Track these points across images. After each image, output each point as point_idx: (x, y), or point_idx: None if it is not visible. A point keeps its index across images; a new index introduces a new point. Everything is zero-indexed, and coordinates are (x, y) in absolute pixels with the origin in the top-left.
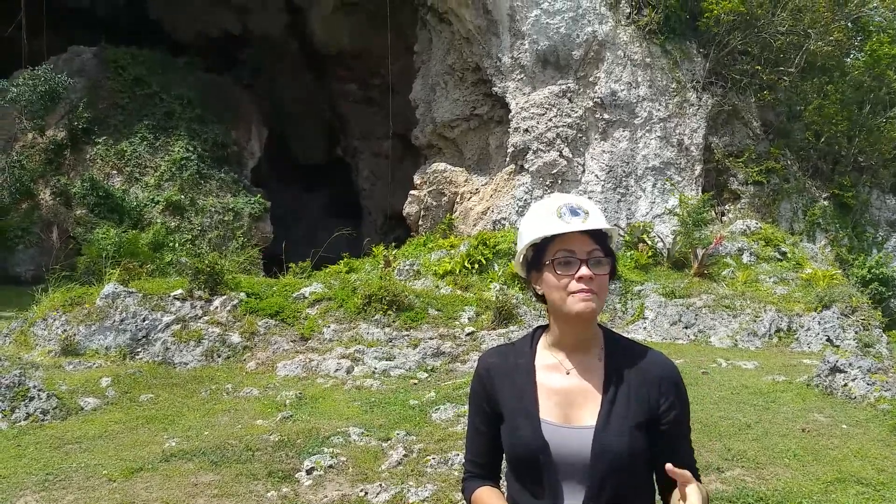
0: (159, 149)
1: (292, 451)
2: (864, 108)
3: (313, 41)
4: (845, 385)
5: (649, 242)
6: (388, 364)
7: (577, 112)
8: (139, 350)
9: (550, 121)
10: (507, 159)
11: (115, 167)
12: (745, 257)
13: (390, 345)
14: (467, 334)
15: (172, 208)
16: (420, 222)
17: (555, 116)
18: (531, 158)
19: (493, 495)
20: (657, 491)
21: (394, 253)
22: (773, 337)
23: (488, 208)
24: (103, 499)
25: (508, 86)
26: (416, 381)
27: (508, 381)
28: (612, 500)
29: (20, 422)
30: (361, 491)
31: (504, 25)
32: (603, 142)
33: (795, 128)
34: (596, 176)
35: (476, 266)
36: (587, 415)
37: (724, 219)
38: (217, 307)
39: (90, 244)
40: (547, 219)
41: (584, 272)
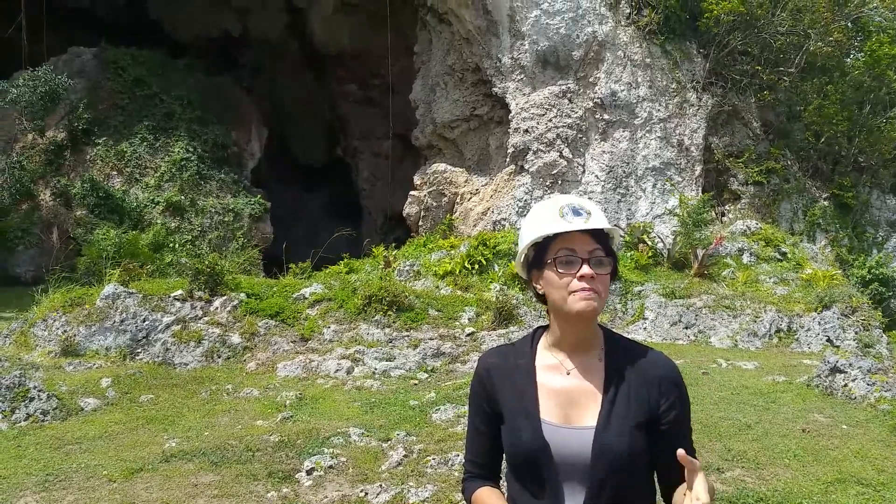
0: (159, 149)
1: (292, 452)
2: (864, 108)
3: (313, 42)
4: (845, 385)
5: (649, 243)
6: (389, 364)
7: (577, 112)
8: (139, 351)
9: (550, 121)
10: (508, 160)
11: (115, 168)
12: (746, 258)
13: (390, 345)
14: (467, 335)
15: (172, 209)
16: (420, 223)
17: (555, 117)
18: (531, 159)
19: (494, 496)
20: (658, 492)
21: (394, 253)
22: (773, 337)
23: (488, 209)
24: (103, 499)
25: (508, 86)
26: (416, 382)
27: (508, 382)
28: (612, 500)
29: (20, 422)
30: (361, 491)
31: (504, 26)
32: (603, 142)
33: (795, 128)
34: (596, 176)
35: (476, 266)
36: (587, 415)
37: (725, 219)
38: (217, 308)
39: (90, 245)
40: (549, 218)
41: (586, 271)
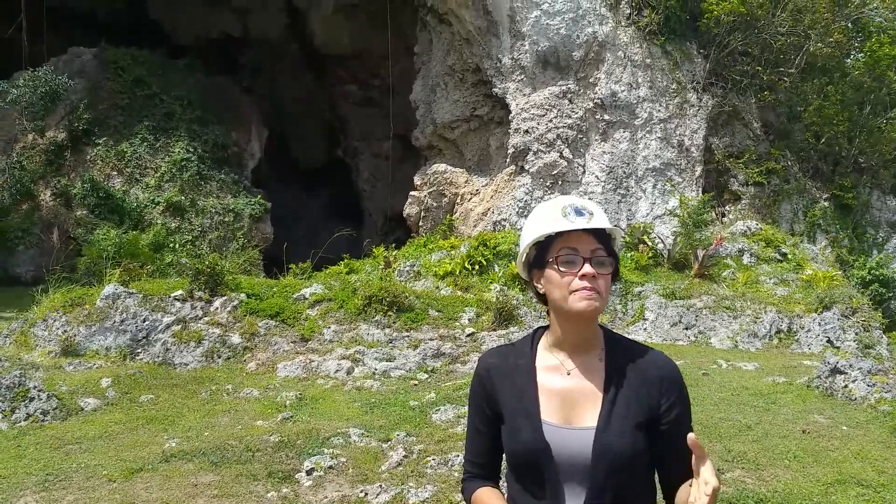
0: (159, 150)
1: (292, 452)
2: (864, 108)
3: (313, 42)
4: (846, 386)
5: (650, 243)
6: (389, 365)
7: (577, 113)
8: (139, 351)
9: (551, 122)
10: (508, 160)
11: (115, 168)
12: (746, 258)
13: (390, 346)
14: (467, 335)
15: (173, 209)
16: (420, 223)
17: (555, 117)
18: (531, 159)
19: (494, 496)
20: (660, 492)
21: (394, 254)
22: (773, 338)
23: (489, 209)
24: (103, 499)
25: (509, 87)
26: (416, 382)
27: (508, 382)
28: (613, 500)
29: (20, 422)
30: (361, 492)
31: (504, 26)
32: (603, 143)
33: (796, 128)
34: (596, 177)
35: (476, 267)
36: (588, 415)
37: (725, 220)
38: (217, 308)
39: (90, 245)
40: (551, 218)
41: (588, 270)
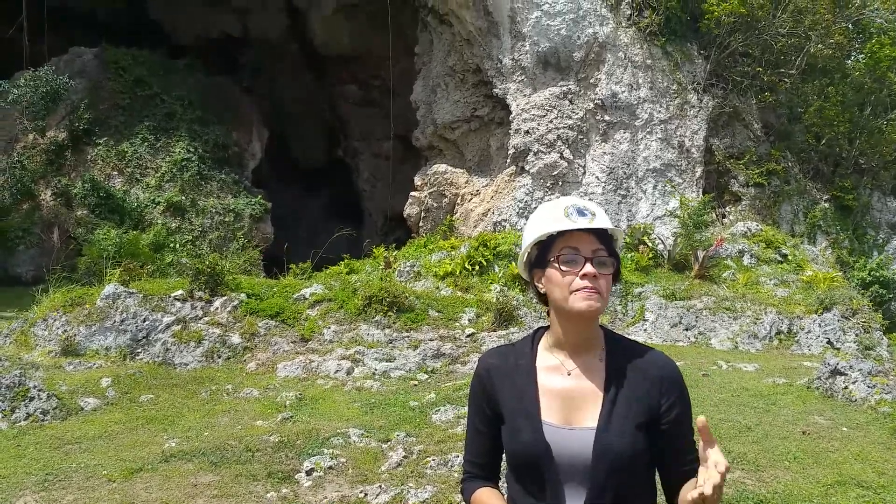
0: (160, 150)
1: (292, 452)
2: (864, 110)
3: (313, 43)
4: (846, 388)
5: (650, 244)
6: (389, 365)
7: (577, 114)
8: (139, 350)
9: (551, 122)
10: (508, 161)
11: (115, 168)
12: (746, 259)
13: (390, 346)
14: (467, 336)
15: (173, 209)
16: (420, 224)
17: (555, 118)
18: (532, 160)
19: (493, 496)
20: (663, 494)
21: (394, 254)
22: (773, 339)
23: (489, 210)
24: (103, 499)
25: (509, 87)
26: (416, 383)
27: (509, 382)
28: (613, 500)
29: (20, 422)
30: (361, 492)
31: (505, 27)
32: (604, 143)
33: (796, 130)
34: (597, 178)
35: (476, 267)
36: (588, 416)
37: (725, 221)
38: (217, 308)
39: (91, 245)
40: (553, 217)
41: (589, 269)
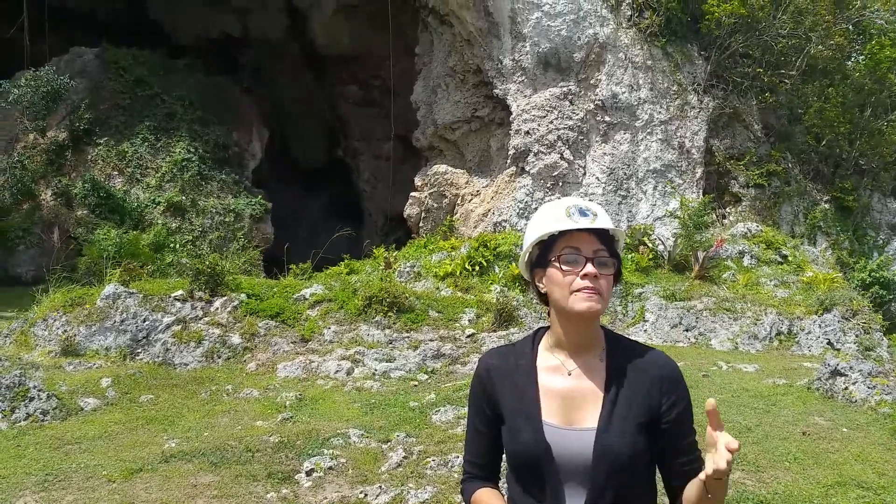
0: (160, 150)
1: (292, 453)
2: (865, 111)
3: (314, 43)
4: (846, 388)
5: (650, 245)
6: (389, 366)
7: (578, 114)
8: (139, 351)
9: (551, 123)
10: (508, 161)
11: (116, 168)
12: (746, 260)
13: (390, 346)
14: (468, 336)
15: (173, 209)
16: (421, 224)
17: (556, 119)
18: (532, 161)
19: (493, 497)
20: (666, 495)
21: (394, 254)
22: (773, 340)
23: (489, 210)
24: (103, 499)
25: (509, 88)
26: (416, 383)
27: (509, 383)
28: (614, 501)
29: (20, 422)
30: (361, 493)
31: (505, 28)
32: (604, 144)
33: (796, 131)
34: (597, 178)
35: (477, 268)
36: (589, 416)
37: (725, 221)
38: (217, 308)
39: (91, 245)
40: (555, 217)
41: (590, 269)
